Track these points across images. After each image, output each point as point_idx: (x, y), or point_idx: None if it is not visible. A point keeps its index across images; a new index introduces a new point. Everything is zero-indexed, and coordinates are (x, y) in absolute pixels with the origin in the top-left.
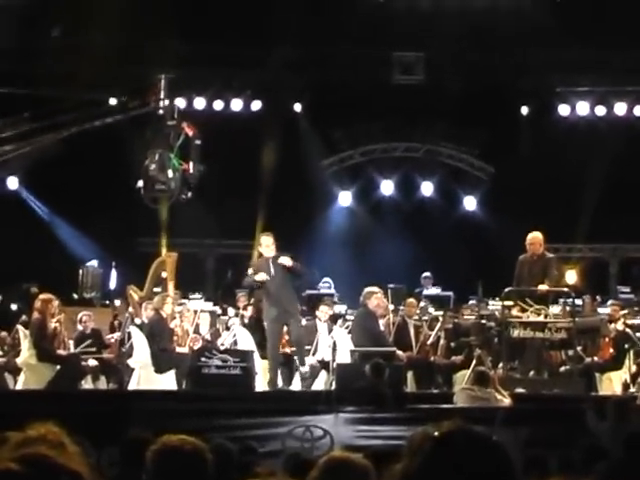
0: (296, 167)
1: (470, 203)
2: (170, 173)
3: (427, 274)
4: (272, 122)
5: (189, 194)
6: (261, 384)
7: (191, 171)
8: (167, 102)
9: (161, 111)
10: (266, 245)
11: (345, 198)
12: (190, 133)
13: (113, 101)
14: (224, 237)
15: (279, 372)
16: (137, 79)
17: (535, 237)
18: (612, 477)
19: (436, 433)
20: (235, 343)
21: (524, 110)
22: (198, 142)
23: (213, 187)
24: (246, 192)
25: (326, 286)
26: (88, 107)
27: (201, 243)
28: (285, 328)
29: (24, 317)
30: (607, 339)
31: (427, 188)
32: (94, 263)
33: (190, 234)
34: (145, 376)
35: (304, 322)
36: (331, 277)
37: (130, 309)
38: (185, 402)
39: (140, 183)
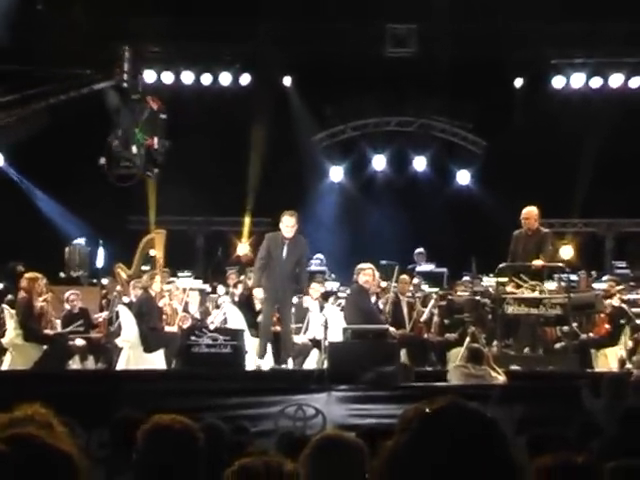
0: (287, 143)
1: (464, 177)
2: (134, 149)
3: (420, 250)
4: (262, 97)
5: (155, 171)
6: (252, 363)
7: (156, 147)
8: (131, 75)
9: (125, 84)
10: (287, 225)
11: (337, 174)
12: (155, 107)
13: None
14: (214, 214)
15: (264, 349)
16: (117, 54)
17: (530, 212)
18: (607, 453)
19: (428, 409)
20: (225, 321)
21: (518, 82)
22: (163, 116)
23: (203, 163)
24: (236, 168)
25: (317, 263)
26: (64, 81)
27: (191, 220)
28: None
29: (10, 296)
30: (603, 315)
31: (420, 163)
32: (81, 241)
33: (179, 212)
34: (134, 356)
35: (295, 300)
36: (323, 254)
37: (118, 287)
38: (175, 381)
39: (102, 160)
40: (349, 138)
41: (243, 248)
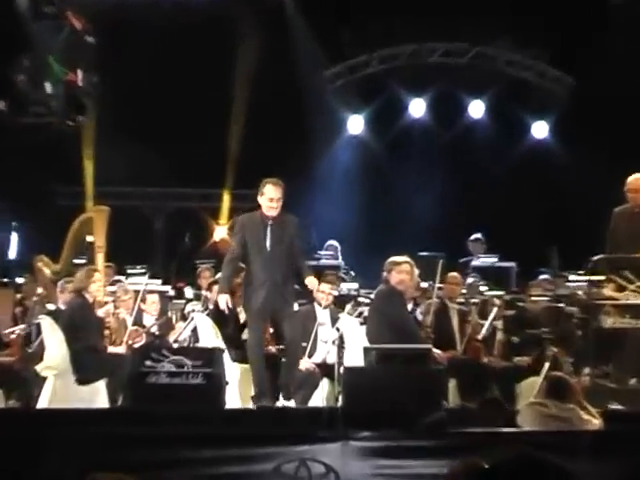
0: (284, 81)
1: (539, 130)
2: (48, 87)
3: (477, 236)
4: (247, 14)
5: (80, 119)
6: (235, 398)
7: (80, 83)
8: None
9: None
10: (270, 198)
11: (356, 124)
12: (78, 26)
13: None
14: (179, 185)
15: (264, 380)
16: None
17: (637, 180)
18: None
19: (485, 464)
20: (195, 339)
21: None
22: (91, 40)
23: (161, 112)
24: (212, 118)
25: (330, 254)
26: None
27: (146, 193)
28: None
29: None
30: None
31: (476, 109)
32: None
33: (129, 181)
34: (62, 388)
35: (296, 307)
36: (337, 241)
37: (39, 290)
38: (122, 426)
39: (1, 104)
40: (374, 74)
41: (221, 233)
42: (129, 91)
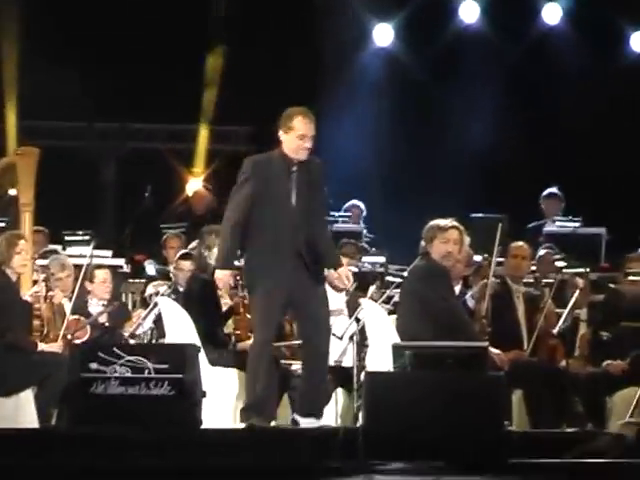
0: None
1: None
2: None
3: (553, 190)
4: None
5: None
6: (214, 415)
7: None
8: None
9: None
10: (301, 135)
11: (384, 34)
12: None
13: None
14: (138, 118)
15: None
16: None
17: None
18: None
19: None
20: (160, 333)
21: None
22: None
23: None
24: (183, 25)
25: (349, 216)
26: None
27: (90, 130)
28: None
29: None
30: None
31: (552, 13)
32: None
33: (67, 113)
34: None
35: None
36: (361, 199)
37: None
38: (56, 453)
39: None
40: None
41: (195, 185)
42: None
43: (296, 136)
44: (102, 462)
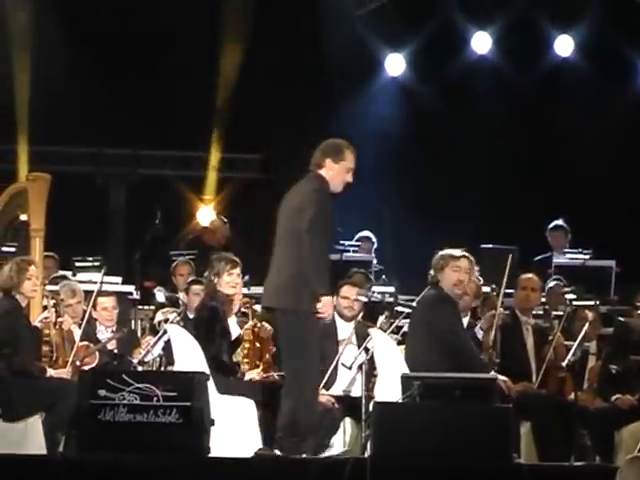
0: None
1: None
2: None
3: (559, 223)
4: None
5: None
6: (223, 444)
7: None
8: None
9: None
10: (350, 168)
11: (396, 63)
12: None
13: None
14: (149, 145)
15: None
16: None
17: None
18: None
19: None
20: (169, 360)
21: None
22: None
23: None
24: (196, 51)
25: (358, 245)
26: None
27: (101, 156)
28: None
29: None
30: None
31: (564, 44)
32: None
33: (78, 138)
34: None
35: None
36: (371, 230)
37: None
38: (64, 479)
39: None
40: None
41: (207, 213)
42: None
43: (345, 168)
44: None
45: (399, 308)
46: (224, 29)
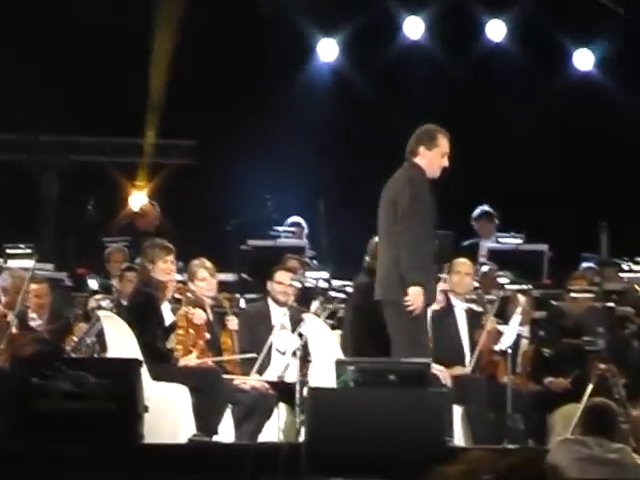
0: None
1: (583, 60)
2: None
3: (484, 209)
4: None
5: None
6: (158, 429)
7: None
8: None
9: None
10: (445, 153)
11: (329, 49)
12: None
13: None
14: (80, 131)
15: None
16: None
17: None
18: None
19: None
20: (102, 347)
21: None
22: None
23: (59, 26)
24: (128, 36)
25: (292, 232)
26: None
27: (31, 143)
28: None
29: None
30: None
31: (496, 30)
32: None
33: (6, 124)
34: None
35: (242, 304)
36: (303, 213)
37: None
38: None
39: None
40: None
41: (140, 199)
42: None
43: (440, 154)
44: (42, 478)
45: (333, 293)
46: (157, 14)
